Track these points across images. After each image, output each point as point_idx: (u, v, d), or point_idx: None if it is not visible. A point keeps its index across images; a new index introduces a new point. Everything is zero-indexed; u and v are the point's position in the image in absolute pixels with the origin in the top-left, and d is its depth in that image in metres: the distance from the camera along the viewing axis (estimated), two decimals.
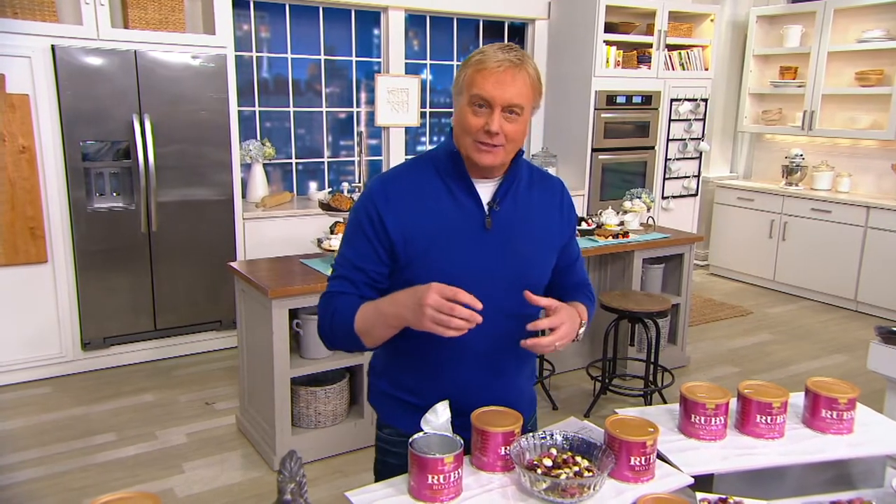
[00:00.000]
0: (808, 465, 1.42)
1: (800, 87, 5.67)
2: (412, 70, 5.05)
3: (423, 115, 5.15)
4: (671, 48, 5.47)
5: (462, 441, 1.25)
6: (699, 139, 5.78)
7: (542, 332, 1.32)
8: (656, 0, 5.28)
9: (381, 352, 1.51)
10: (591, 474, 1.25)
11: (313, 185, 4.83)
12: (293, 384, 2.89)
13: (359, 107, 4.95)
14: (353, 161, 5.00)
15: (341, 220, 3.14)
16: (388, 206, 1.36)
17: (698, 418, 1.45)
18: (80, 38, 3.49)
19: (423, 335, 1.27)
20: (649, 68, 5.37)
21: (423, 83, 5.12)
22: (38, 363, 3.67)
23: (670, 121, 5.59)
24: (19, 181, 3.44)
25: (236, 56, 4.09)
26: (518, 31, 5.55)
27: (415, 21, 5.03)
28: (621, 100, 5.27)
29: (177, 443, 3.07)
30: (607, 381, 3.47)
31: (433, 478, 1.18)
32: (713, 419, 1.44)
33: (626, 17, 5.36)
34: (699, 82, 5.66)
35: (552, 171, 5.40)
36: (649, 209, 4.09)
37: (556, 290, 1.53)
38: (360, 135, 4.89)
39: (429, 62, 5.18)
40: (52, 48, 3.42)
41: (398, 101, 4.94)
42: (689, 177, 5.82)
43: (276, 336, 2.75)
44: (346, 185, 3.33)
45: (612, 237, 3.69)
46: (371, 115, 4.95)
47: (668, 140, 5.62)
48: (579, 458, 1.30)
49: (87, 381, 3.69)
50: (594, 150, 5.26)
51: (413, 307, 1.23)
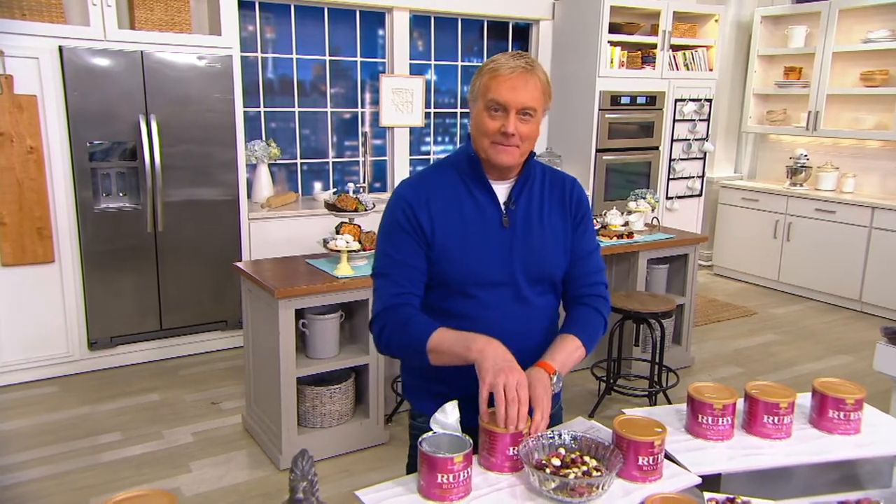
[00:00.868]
0: (815, 465, 1.42)
1: (804, 87, 5.67)
2: (417, 70, 5.05)
3: (427, 115, 5.16)
4: (675, 48, 5.48)
5: (471, 441, 1.26)
6: (703, 139, 5.78)
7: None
8: (660, 0, 5.28)
9: None
10: (599, 474, 1.26)
11: (318, 186, 4.84)
12: (299, 384, 2.90)
13: (363, 107, 4.96)
14: (358, 161, 5.01)
15: (347, 220, 3.15)
16: (420, 206, 1.47)
17: (706, 418, 1.45)
18: (87, 39, 3.51)
19: (457, 328, 1.39)
20: (653, 69, 5.38)
21: (428, 84, 5.13)
22: (45, 362, 3.69)
23: (674, 121, 5.59)
24: (27, 181, 3.46)
25: (242, 57, 4.10)
26: (522, 32, 5.55)
27: (419, 22, 5.04)
28: (625, 100, 5.27)
29: (183, 442, 3.09)
30: (612, 381, 3.47)
31: (443, 477, 1.19)
32: (720, 419, 1.45)
33: (631, 18, 5.37)
34: (703, 83, 5.66)
35: None
36: (654, 209, 4.09)
37: (567, 283, 1.58)
38: (364, 135, 4.90)
39: (433, 63, 5.19)
40: (60, 49, 3.44)
41: (402, 102, 4.95)
42: (693, 177, 5.82)
43: (283, 336, 2.76)
44: (351, 186, 3.34)
45: (617, 238, 3.69)
46: (375, 116, 4.96)
47: (672, 140, 5.62)
48: (587, 458, 1.31)
49: (94, 381, 3.71)
50: (598, 150, 5.26)
51: (496, 366, 1.30)
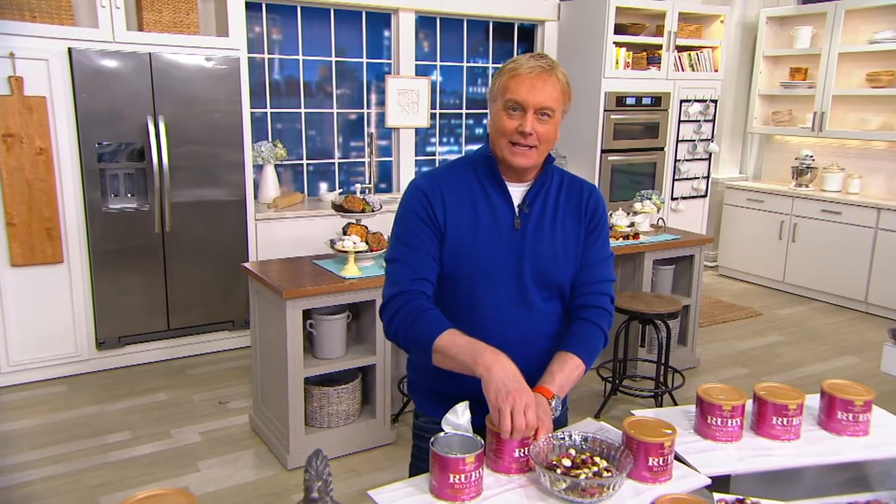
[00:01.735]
0: (824, 466, 1.43)
1: (810, 88, 5.66)
2: (422, 71, 5.07)
3: (432, 116, 5.17)
4: (681, 49, 5.48)
5: (483, 441, 1.27)
6: (709, 140, 5.78)
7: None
8: (666, 1, 5.29)
9: None
10: (610, 475, 1.27)
11: (324, 186, 4.86)
12: (306, 384, 2.92)
13: (369, 108, 4.98)
14: (364, 162, 5.02)
15: (354, 221, 3.17)
16: (436, 198, 1.49)
17: (715, 420, 1.46)
18: (96, 41, 3.53)
19: (458, 327, 1.40)
20: (659, 69, 5.38)
21: (434, 84, 5.15)
22: (54, 362, 3.71)
23: (680, 122, 5.59)
24: (36, 182, 3.48)
25: (248, 58, 4.12)
26: (528, 33, 5.56)
27: (425, 23, 5.05)
28: (631, 101, 5.28)
29: (191, 441, 3.10)
30: (618, 382, 3.48)
31: (455, 477, 1.20)
32: (730, 421, 1.46)
33: (636, 19, 5.37)
34: (709, 83, 5.65)
35: None
36: (659, 210, 4.09)
37: (572, 288, 1.56)
38: (370, 136, 4.91)
39: (439, 63, 5.20)
40: (69, 51, 3.46)
41: (408, 103, 4.96)
42: (698, 178, 5.82)
43: (290, 336, 2.78)
44: (358, 187, 3.36)
45: (623, 238, 3.70)
46: (381, 117, 4.97)
47: (677, 141, 5.62)
48: (598, 459, 1.32)
49: (102, 380, 3.73)
50: (604, 151, 5.27)
51: (505, 387, 1.27)
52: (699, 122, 5.68)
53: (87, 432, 3.16)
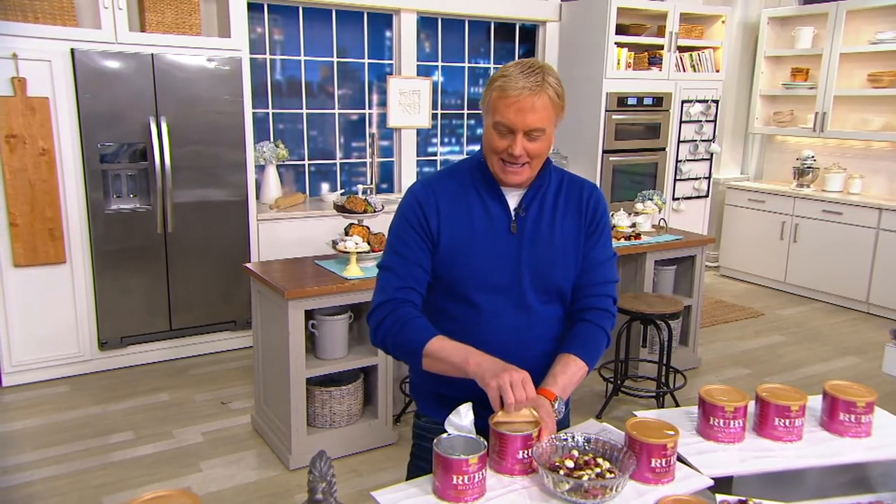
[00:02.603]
0: (826, 468, 1.43)
1: (811, 88, 5.66)
2: (424, 72, 5.07)
3: (434, 116, 5.18)
4: (682, 50, 5.48)
5: (486, 442, 1.27)
6: (710, 141, 5.78)
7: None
8: (667, 2, 5.29)
9: None
10: (612, 476, 1.27)
11: (325, 187, 4.87)
12: (308, 384, 2.92)
13: (371, 108, 4.98)
14: (366, 163, 5.03)
15: (356, 221, 3.17)
16: (430, 207, 1.48)
17: (717, 421, 1.46)
18: (98, 42, 3.54)
19: (456, 331, 1.41)
20: (660, 70, 5.38)
21: (435, 85, 5.15)
22: (56, 362, 3.72)
23: (681, 122, 5.59)
24: (39, 183, 3.49)
25: (250, 58, 4.12)
26: (529, 33, 5.56)
27: (427, 23, 5.05)
28: (632, 101, 5.28)
29: (193, 442, 3.11)
30: (619, 382, 3.48)
31: (458, 478, 1.20)
32: (732, 422, 1.46)
33: (637, 19, 5.37)
34: (710, 84, 5.66)
35: None
36: (661, 211, 4.10)
37: (575, 290, 1.55)
38: (372, 136, 4.92)
39: (440, 64, 5.21)
40: (72, 52, 3.47)
41: (410, 103, 4.96)
42: (699, 178, 5.82)
43: (292, 336, 2.78)
44: (360, 188, 3.37)
45: (625, 239, 3.70)
46: (383, 117, 4.98)
47: (678, 142, 5.62)
48: (601, 460, 1.32)
49: (105, 381, 3.74)
50: (605, 151, 5.27)
51: (495, 368, 1.33)
52: (700, 122, 5.68)
53: (89, 432, 3.17)
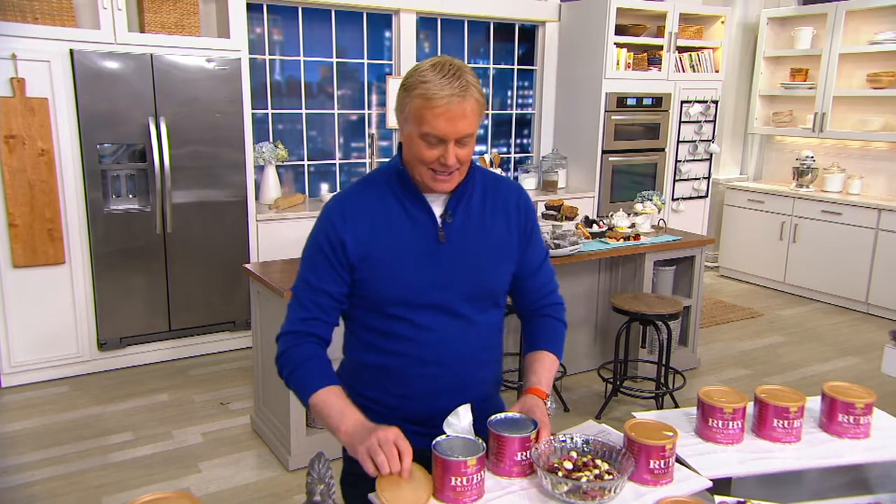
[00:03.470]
0: (825, 469, 1.43)
1: (811, 88, 5.66)
2: None
3: None
4: (682, 50, 5.48)
5: (484, 444, 1.27)
6: (709, 141, 5.79)
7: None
8: (667, 2, 5.29)
9: (342, 368, 1.53)
10: (611, 477, 1.27)
11: (325, 187, 4.86)
12: None
13: (370, 109, 4.98)
14: (365, 163, 5.03)
15: None
16: (346, 226, 1.38)
17: (716, 422, 1.46)
18: (97, 43, 3.54)
19: (393, 350, 1.38)
20: (660, 70, 5.38)
21: None
22: (56, 363, 3.71)
23: (681, 123, 5.59)
24: (38, 183, 3.48)
25: (250, 59, 4.12)
26: (528, 34, 5.56)
27: (426, 23, 5.05)
28: (632, 102, 5.28)
29: (192, 442, 3.11)
30: (618, 383, 3.48)
31: (456, 480, 1.20)
32: (731, 423, 1.46)
33: (637, 20, 5.37)
34: (709, 84, 5.66)
35: (562, 172, 5.42)
36: (660, 211, 4.10)
37: (522, 297, 1.55)
38: (371, 137, 4.92)
39: None
40: (71, 52, 3.47)
41: None
42: (699, 179, 5.82)
43: None
44: None
45: (624, 239, 3.70)
46: (382, 117, 4.98)
47: (678, 142, 5.62)
48: (599, 462, 1.32)
49: (104, 381, 3.74)
50: (604, 151, 5.27)
51: (363, 433, 1.24)
52: (700, 122, 5.68)
53: (88, 433, 3.17)
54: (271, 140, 4.56)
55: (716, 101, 5.70)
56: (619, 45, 5.17)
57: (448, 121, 1.28)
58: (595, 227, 3.76)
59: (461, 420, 1.33)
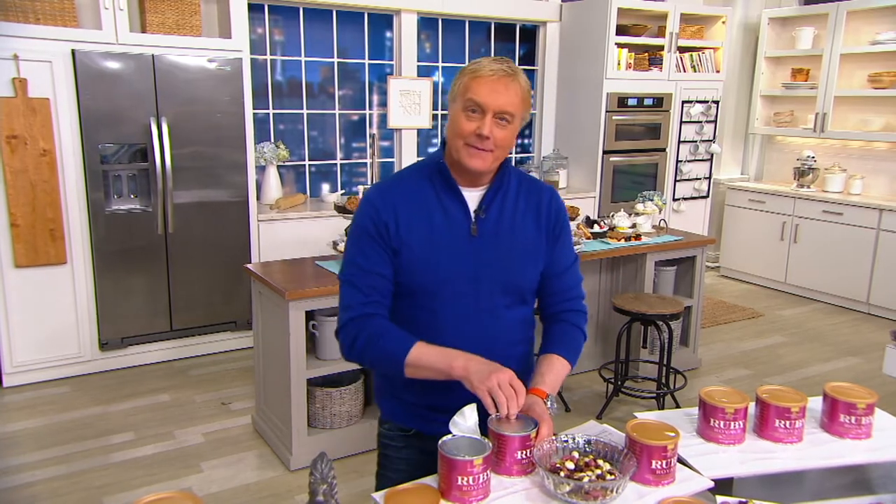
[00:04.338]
0: (826, 469, 1.43)
1: (812, 89, 5.66)
2: (424, 72, 5.07)
3: (434, 117, 5.18)
4: (682, 50, 5.48)
5: (490, 444, 1.28)
6: (710, 141, 5.79)
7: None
8: (668, 2, 5.29)
9: None
10: (613, 477, 1.27)
11: (326, 187, 4.87)
12: (309, 385, 2.93)
13: (371, 109, 4.98)
14: (366, 163, 5.03)
15: None
16: (388, 211, 1.44)
17: (717, 422, 1.46)
18: (99, 43, 3.54)
19: (421, 338, 1.39)
20: (661, 70, 5.38)
21: (435, 85, 5.15)
22: (57, 363, 3.72)
23: (681, 123, 5.59)
24: (40, 183, 3.49)
25: (251, 59, 4.12)
26: (529, 34, 5.56)
27: (427, 24, 5.06)
28: (632, 102, 5.28)
29: (193, 442, 3.11)
30: (620, 383, 3.48)
31: (462, 479, 1.21)
32: (732, 423, 1.46)
33: (638, 20, 5.37)
34: (710, 84, 5.66)
35: (563, 173, 5.42)
36: (661, 211, 4.10)
37: (545, 297, 1.56)
38: (372, 137, 4.92)
39: (441, 64, 5.21)
40: (73, 52, 3.47)
41: (410, 104, 4.97)
42: (700, 179, 5.82)
43: (293, 337, 2.79)
44: (361, 188, 3.37)
45: (625, 240, 3.70)
46: (383, 117, 4.98)
47: (679, 142, 5.62)
48: (601, 462, 1.32)
49: (105, 381, 3.74)
50: (605, 152, 5.27)
51: (482, 370, 1.32)
52: (701, 122, 5.68)
53: (90, 433, 3.17)
54: (272, 140, 4.56)
55: (717, 102, 5.70)
56: (619, 45, 5.17)
57: (491, 91, 1.36)
58: (596, 228, 3.76)
59: (467, 420, 1.33)
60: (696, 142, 5.70)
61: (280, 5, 4.50)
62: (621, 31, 5.17)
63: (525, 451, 1.30)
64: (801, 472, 1.42)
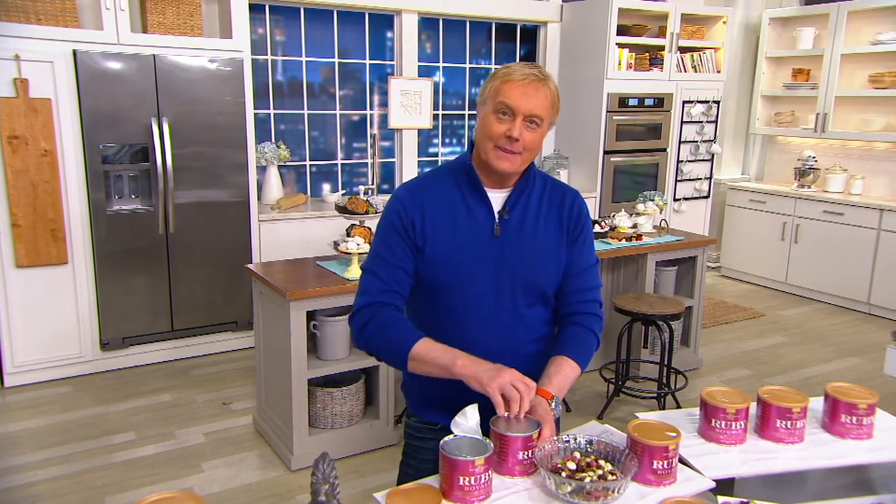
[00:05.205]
0: (828, 469, 1.43)
1: (812, 89, 5.66)
2: (425, 73, 5.07)
3: (435, 117, 5.18)
4: (683, 50, 5.48)
5: (492, 444, 1.28)
6: (711, 141, 5.78)
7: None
8: (668, 2, 5.29)
9: None
10: (614, 478, 1.27)
11: (327, 187, 4.87)
12: (310, 385, 2.93)
13: (372, 109, 4.98)
14: (367, 163, 5.03)
15: (357, 222, 3.17)
16: (415, 211, 1.48)
17: (719, 423, 1.47)
18: (100, 43, 3.54)
19: (440, 336, 1.41)
20: (661, 70, 5.38)
21: (436, 85, 5.15)
22: (59, 363, 3.72)
23: (682, 123, 5.59)
24: (41, 184, 3.49)
25: (252, 59, 4.13)
26: (530, 34, 5.56)
27: (428, 24, 5.06)
28: (633, 102, 5.28)
29: (195, 442, 3.11)
30: (621, 383, 3.48)
31: (464, 479, 1.21)
32: (734, 424, 1.46)
33: (639, 20, 5.37)
34: (711, 84, 5.66)
35: (563, 173, 5.42)
36: (662, 211, 4.10)
37: (560, 296, 1.56)
38: (373, 137, 4.92)
39: (441, 65, 5.21)
40: (74, 53, 3.47)
41: (411, 104, 4.97)
42: (701, 179, 5.82)
43: (294, 337, 2.79)
44: (361, 188, 3.37)
45: (626, 240, 3.70)
46: (384, 118, 4.98)
47: (680, 142, 5.62)
48: (603, 462, 1.32)
49: (106, 381, 3.74)
50: (606, 152, 5.27)
51: (491, 370, 1.34)
52: (702, 123, 5.68)
53: (91, 433, 3.18)
54: (273, 140, 4.56)
55: (717, 102, 5.70)
56: (620, 45, 5.17)
57: (522, 94, 1.40)
58: (597, 228, 3.76)
59: (468, 420, 1.33)
60: (696, 142, 5.70)
61: (281, 5, 4.50)
62: (622, 31, 5.17)
63: (527, 452, 1.30)
64: (803, 472, 1.42)
